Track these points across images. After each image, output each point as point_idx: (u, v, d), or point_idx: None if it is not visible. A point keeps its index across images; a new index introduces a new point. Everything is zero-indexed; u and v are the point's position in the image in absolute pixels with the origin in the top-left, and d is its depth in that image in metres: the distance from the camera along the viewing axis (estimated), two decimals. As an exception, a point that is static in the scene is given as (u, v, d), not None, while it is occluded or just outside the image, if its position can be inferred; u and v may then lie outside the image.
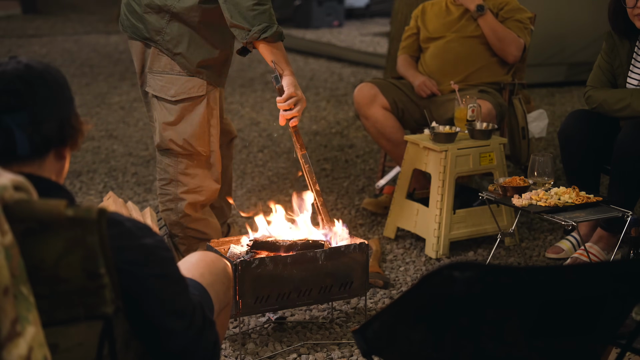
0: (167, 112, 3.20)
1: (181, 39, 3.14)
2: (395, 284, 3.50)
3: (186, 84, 3.17)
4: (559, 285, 1.70)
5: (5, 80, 1.63)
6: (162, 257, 1.69)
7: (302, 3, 11.05)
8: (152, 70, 3.21)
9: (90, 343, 1.56)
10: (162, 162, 3.28)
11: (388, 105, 4.22)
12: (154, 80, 3.21)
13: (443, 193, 3.75)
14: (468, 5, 4.28)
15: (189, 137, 3.20)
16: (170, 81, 3.17)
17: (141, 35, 3.20)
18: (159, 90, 3.20)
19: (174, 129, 3.20)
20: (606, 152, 3.55)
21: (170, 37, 3.14)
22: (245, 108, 6.72)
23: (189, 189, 3.26)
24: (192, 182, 3.25)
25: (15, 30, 11.13)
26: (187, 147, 3.21)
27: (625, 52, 3.58)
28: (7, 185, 1.44)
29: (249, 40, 3.02)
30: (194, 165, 3.25)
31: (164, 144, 3.23)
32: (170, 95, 3.18)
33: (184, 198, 3.26)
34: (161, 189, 3.31)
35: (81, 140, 1.75)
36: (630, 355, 2.70)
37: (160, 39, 3.15)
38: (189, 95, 3.18)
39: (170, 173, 3.26)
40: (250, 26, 3.00)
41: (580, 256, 3.57)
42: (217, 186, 3.32)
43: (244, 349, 2.95)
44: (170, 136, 3.21)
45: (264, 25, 3.00)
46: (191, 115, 3.19)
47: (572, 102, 6.68)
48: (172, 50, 3.15)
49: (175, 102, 3.18)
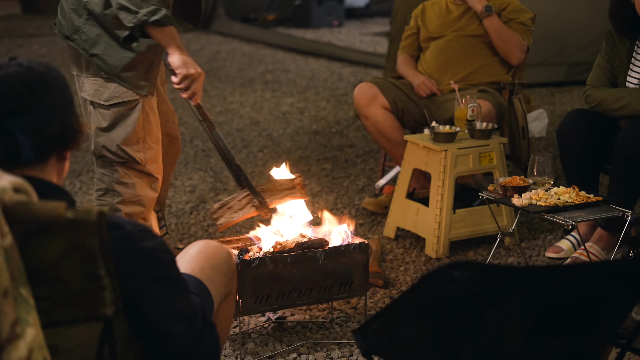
0: (101, 118, 3.04)
1: (98, 39, 2.97)
2: (395, 283, 3.50)
3: (119, 88, 3.01)
4: (559, 285, 1.70)
5: (7, 84, 1.62)
6: (163, 260, 1.69)
7: (302, 3, 11.04)
8: (87, 74, 3.04)
9: (90, 344, 1.56)
10: (98, 172, 3.12)
11: (388, 105, 4.22)
12: (89, 84, 3.04)
13: (443, 193, 3.75)
14: (474, 6, 4.26)
15: (123, 144, 3.04)
16: (103, 85, 3.01)
17: (63, 34, 3.03)
18: (93, 94, 3.03)
19: (107, 135, 3.04)
20: (605, 152, 3.55)
21: (87, 37, 2.97)
22: (245, 108, 6.72)
23: (124, 199, 3.10)
24: (128, 191, 3.09)
25: (15, 30, 11.13)
26: (120, 153, 3.05)
27: (625, 51, 3.57)
28: (6, 187, 1.44)
29: (136, 22, 2.86)
30: (130, 173, 3.09)
31: (98, 151, 3.07)
32: (104, 99, 3.02)
33: (119, 209, 3.09)
34: (97, 200, 3.14)
35: (82, 141, 1.75)
36: (630, 355, 2.70)
37: (78, 38, 2.99)
38: (122, 100, 3.01)
39: (105, 183, 3.10)
40: (138, 8, 2.84)
41: (580, 256, 3.57)
42: (155, 195, 3.17)
43: (244, 348, 2.95)
44: (104, 142, 3.05)
45: (152, 8, 2.85)
46: (125, 121, 3.03)
47: (572, 102, 6.68)
48: (88, 51, 2.98)
49: (108, 107, 3.02)
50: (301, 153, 5.40)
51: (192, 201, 4.54)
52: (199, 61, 8.81)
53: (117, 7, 2.87)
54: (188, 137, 5.83)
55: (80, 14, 2.97)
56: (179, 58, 2.97)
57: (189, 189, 4.75)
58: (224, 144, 3.11)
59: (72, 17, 2.99)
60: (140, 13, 2.85)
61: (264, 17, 11.18)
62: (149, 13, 2.85)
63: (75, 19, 2.98)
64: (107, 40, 2.97)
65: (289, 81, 7.76)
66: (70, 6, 2.99)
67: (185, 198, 4.59)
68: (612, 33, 3.63)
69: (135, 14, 2.85)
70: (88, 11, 2.96)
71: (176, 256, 1.94)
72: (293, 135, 5.85)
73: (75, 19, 2.98)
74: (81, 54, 3.03)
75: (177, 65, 2.97)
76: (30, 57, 3.38)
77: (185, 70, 2.97)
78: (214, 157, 5.34)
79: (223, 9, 10.84)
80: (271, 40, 9.75)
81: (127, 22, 2.88)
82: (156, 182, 3.17)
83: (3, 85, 1.62)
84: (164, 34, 2.93)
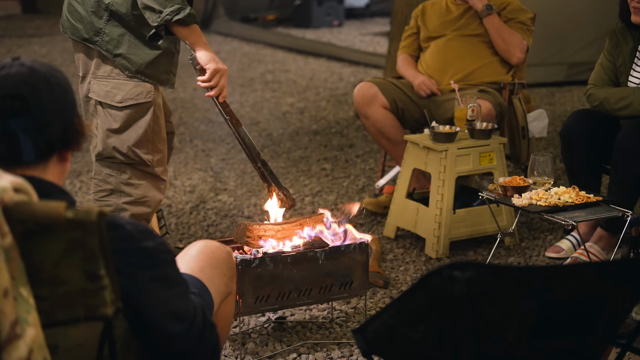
0: (112, 119, 3.06)
1: (121, 39, 3.01)
2: (395, 283, 3.50)
3: (134, 89, 3.04)
4: (559, 285, 1.70)
5: (9, 84, 1.62)
6: (163, 260, 1.69)
7: (302, 3, 11.04)
8: (96, 76, 3.07)
9: (90, 344, 1.56)
10: (102, 173, 3.12)
11: (388, 105, 4.22)
12: (99, 85, 3.06)
13: (443, 193, 3.75)
14: (475, 4, 4.27)
15: (134, 145, 3.06)
16: (117, 86, 3.04)
17: (80, 37, 3.06)
18: (104, 96, 3.05)
19: (118, 137, 3.06)
20: (607, 152, 3.55)
21: (109, 37, 3.01)
22: (245, 108, 6.72)
23: (133, 200, 3.11)
24: (136, 192, 3.10)
25: (15, 30, 11.13)
26: (131, 155, 3.07)
27: (628, 51, 3.57)
28: (6, 187, 1.44)
29: (160, 22, 2.90)
30: (138, 175, 3.11)
31: (107, 152, 3.08)
32: (117, 101, 3.04)
33: (126, 209, 3.10)
34: (100, 200, 3.14)
35: (83, 142, 1.75)
36: (630, 355, 2.70)
37: (100, 40, 3.02)
38: (136, 102, 3.04)
39: (112, 183, 3.10)
40: (162, 7, 2.89)
41: (580, 256, 3.57)
42: (161, 197, 3.19)
43: (244, 348, 2.95)
44: (114, 144, 3.06)
45: (176, 7, 2.90)
46: (137, 123, 3.06)
47: (572, 102, 6.68)
48: (112, 52, 3.02)
49: (121, 109, 3.04)
50: (301, 153, 5.40)
51: (192, 201, 4.54)
52: (199, 61, 8.84)
53: (142, 6, 2.92)
54: (188, 137, 5.83)
55: (100, 15, 3.01)
56: (206, 54, 3.00)
57: (189, 189, 4.75)
58: (250, 140, 3.13)
59: (92, 19, 3.02)
60: (164, 12, 2.90)
61: (264, 17, 11.18)
62: (173, 12, 2.90)
63: (95, 21, 3.02)
64: (130, 39, 3.02)
65: (289, 81, 7.76)
66: (90, 9, 3.03)
67: (185, 198, 4.59)
68: (616, 32, 3.61)
69: (159, 13, 2.90)
70: (110, 12, 3.00)
71: (176, 256, 1.94)
72: (293, 135, 5.85)
73: (96, 21, 3.02)
74: (91, 55, 3.06)
75: (206, 60, 3.00)
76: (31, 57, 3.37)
77: (214, 64, 3.01)
78: (214, 157, 5.34)
79: (223, 9, 10.84)
80: (271, 40, 9.75)
81: (151, 21, 2.93)
82: (163, 184, 3.19)
83: (5, 85, 1.62)
84: (189, 32, 2.97)
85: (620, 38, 3.59)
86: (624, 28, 3.59)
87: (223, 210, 4.39)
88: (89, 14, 3.02)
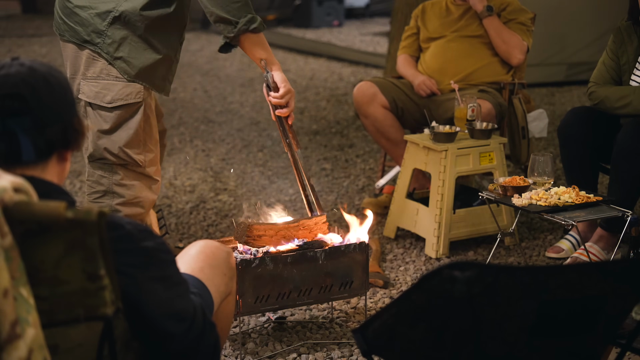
0: (102, 120, 3.03)
1: (123, 42, 2.99)
2: (395, 283, 3.50)
3: (123, 90, 3.01)
4: (559, 285, 1.70)
5: (9, 84, 1.62)
6: (163, 260, 1.69)
7: (302, 3, 11.05)
8: (85, 77, 3.04)
9: (90, 344, 1.56)
10: (94, 174, 3.10)
11: (387, 104, 4.22)
12: (88, 86, 3.03)
13: (443, 193, 3.75)
14: (475, 5, 4.27)
15: (125, 146, 3.04)
16: (107, 87, 3.01)
17: (80, 39, 3.02)
18: (94, 97, 3.02)
19: (109, 137, 3.04)
20: (606, 150, 3.55)
21: (111, 40, 2.99)
22: (245, 108, 6.72)
23: (125, 201, 3.09)
24: (129, 193, 3.08)
25: (15, 30, 11.14)
26: (122, 156, 3.05)
27: (633, 50, 3.56)
28: (6, 187, 1.44)
29: (237, 33, 2.96)
30: (130, 175, 3.09)
31: (98, 153, 3.06)
32: (106, 101, 3.01)
33: (119, 210, 3.08)
34: (94, 202, 3.12)
35: (83, 142, 1.75)
36: (630, 355, 2.70)
37: (101, 42, 2.99)
38: (126, 102, 3.02)
39: (104, 185, 3.09)
40: (237, 19, 2.95)
41: (580, 256, 3.57)
42: (154, 197, 3.17)
43: (244, 348, 2.95)
44: (105, 145, 3.04)
45: (249, 17, 2.96)
46: (127, 123, 3.04)
47: (572, 102, 6.68)
48: (112, 54, 2.99)
49: (111, 109, 3.02)
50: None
51: (192, 201, 4.54)
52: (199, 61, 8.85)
53: (215, 20, 2.98)
54: (188, 137, 5.83)
55: (104, 17, 2.99)
56: (281, 75, 3.13)
57: (189, 189, 4.75)
58: (302, 164, 3.13)
59: (95, 21, 3.01)
60: (240, 23, 2.96)
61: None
62: (248, 22, 2.97)
63: (98, 22, 3.00)
64: (132, 42, 3.01)
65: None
66: (94, 12, 3.01)
67: (185, 198, 4.59)
68: (621, 30, 3.60)
69: (235, 24, 2.97)
70: (114, 16, 2.98)
71: (176, 256, 1.94)
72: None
73: (99, 23, 3.00)
74: (81, 56, 3.03)
75: (281, 80, 3.12)
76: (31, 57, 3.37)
77: (288, 85, 3.10)
78: (214, 157, 5.34)
79: (223, 9, 10.83)
80: (271, 40, 9.72)
81: (227, 32, 2.99)
82: (156, 184, 3.17)
83: (5, 85, 1.62)
84: (259, 41, 3.07)
85: (625, 36, 3.58)
86: (629, 26, 3.58)
87: (223, 210, 4.39)
88: (91, 16, 3.01)
